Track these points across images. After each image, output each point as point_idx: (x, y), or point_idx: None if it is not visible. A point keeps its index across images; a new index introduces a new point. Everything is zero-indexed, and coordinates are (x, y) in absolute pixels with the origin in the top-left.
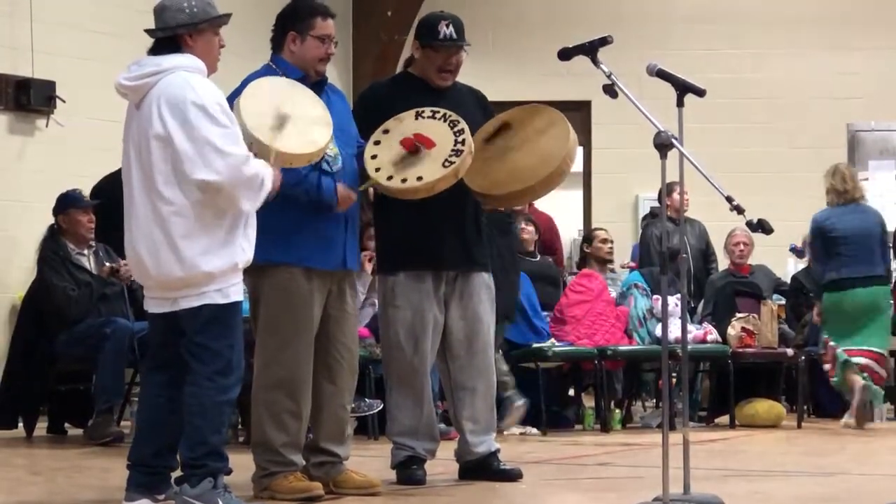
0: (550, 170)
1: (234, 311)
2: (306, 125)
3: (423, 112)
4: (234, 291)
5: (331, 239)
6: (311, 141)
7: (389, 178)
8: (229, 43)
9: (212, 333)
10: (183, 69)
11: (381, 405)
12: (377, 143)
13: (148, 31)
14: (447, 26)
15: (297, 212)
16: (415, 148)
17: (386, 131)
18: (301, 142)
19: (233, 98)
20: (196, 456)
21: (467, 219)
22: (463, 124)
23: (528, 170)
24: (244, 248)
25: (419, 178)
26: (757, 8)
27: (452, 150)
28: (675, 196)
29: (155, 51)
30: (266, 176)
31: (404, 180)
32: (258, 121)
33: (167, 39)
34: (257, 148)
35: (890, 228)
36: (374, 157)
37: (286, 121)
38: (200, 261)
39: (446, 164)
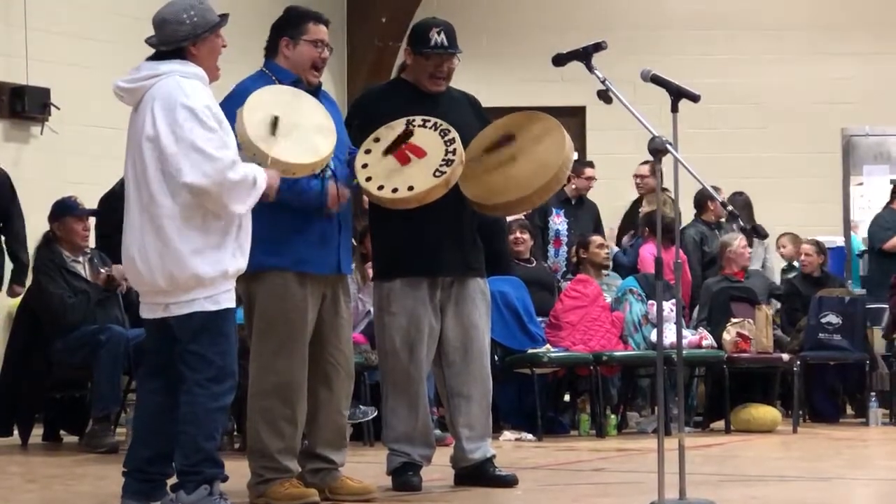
0: (547, 179)
1: (225, 318)
2: (308, 134)
3: (413, 121)
4: (225, 299)
5: (325, 242)
6: (313, 150)
7: (380, 187)
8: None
9: (203, 341)
10: (178, 73)
11: (376, 412)
12: (368, 151)
13: (152, 46)
14: (438, 34)
15: (290, 216)
16: (405, 158)
17: (377, 140)
18: (302, 150)
19: (225, 103)
20: (191, 463)
21: (463, 225)
22: (454, 133)
23: (524, 179)
24: (236, 256)
25: (410, 188)
26: (751, 14)
27: (443, 160)
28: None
29: (155, 58)
30: (258, 175)
31: (395, 190)
32: (260, 131)
33: (170, 51)
34: (260, 158)
35: None
36: (364, 165)
37: (277, 123)
38: (189, 262)
39: (437, 173)
